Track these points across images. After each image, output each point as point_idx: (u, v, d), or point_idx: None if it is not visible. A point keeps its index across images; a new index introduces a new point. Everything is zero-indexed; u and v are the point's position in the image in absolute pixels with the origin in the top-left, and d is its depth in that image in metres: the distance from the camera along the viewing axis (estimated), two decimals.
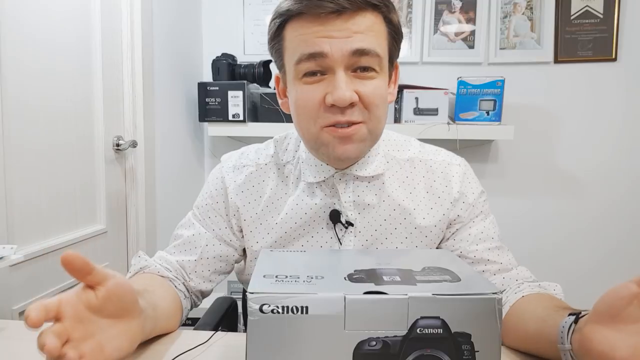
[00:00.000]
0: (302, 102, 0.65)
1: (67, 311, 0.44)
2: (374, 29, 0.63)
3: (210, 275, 0.78)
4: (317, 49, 0.61)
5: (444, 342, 0.40)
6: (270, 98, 1.69)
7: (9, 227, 0.97)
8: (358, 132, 0.64)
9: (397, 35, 0.67)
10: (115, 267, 1.39)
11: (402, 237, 0.73)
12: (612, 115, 1.79)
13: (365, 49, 0.61)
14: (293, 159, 0.77)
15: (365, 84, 0.63)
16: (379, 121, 0.66)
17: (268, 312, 0.40)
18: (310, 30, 0.61)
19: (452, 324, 0.40)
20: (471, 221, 0.75)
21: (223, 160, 0.81)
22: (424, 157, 0.77)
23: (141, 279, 0.71)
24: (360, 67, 0.63)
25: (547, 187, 1.85)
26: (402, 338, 0.40)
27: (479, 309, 0.40)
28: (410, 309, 0.40)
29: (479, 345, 0.41)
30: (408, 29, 1.83)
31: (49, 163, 1.09)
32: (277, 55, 0.69)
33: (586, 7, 1.75)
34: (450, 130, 1.62)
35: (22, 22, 1.01)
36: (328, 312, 0.40)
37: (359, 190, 0.73)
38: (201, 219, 0.78)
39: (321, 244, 0.74)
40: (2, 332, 0.68)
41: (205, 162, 1.99)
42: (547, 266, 1.84)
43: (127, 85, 1.41)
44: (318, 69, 0.63)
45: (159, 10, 1.53)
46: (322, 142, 0.66)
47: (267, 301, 0.40)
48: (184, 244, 0.77)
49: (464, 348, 0.40)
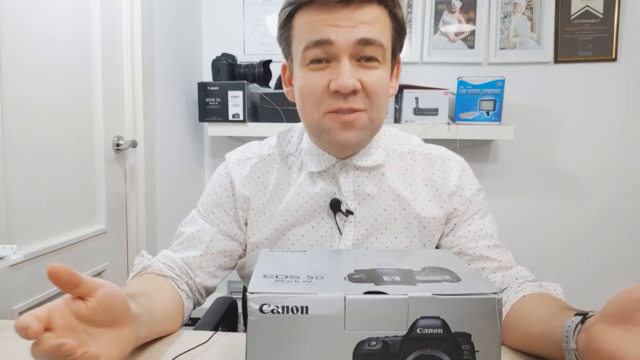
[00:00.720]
0: (307, 88, 0.67)
1: (58, 321, 0.44)
2: (379, 21, 0.65)
3: (216, 271, 0.78)
4: (324, 36, 0.63)
5: (444, 342, 0.40)
6: (270, 98, 1.68)
7: (9, 227, 0.97)
8: (359, 119, 0.66)
9: (401, 30, 0.70)
10: (115, 267, 1.39)
11: (402, 227, 0.74)
12: (612, 115, 1.79)
13: (369, 38, 0.64)
14: (296, 151, 0.79)
15: (369, 74, 0.65)
16: (379, 110, 0.68)
17: (268, 312, 0.40)
18: (318, 19, 0.64)
19: (452, 324, 0.40)
20: (470, 218, 0.75)
21: (227, 157, 0.83)
22: (425, 150, 0.79)
23: (141, 282, 0.71)
24: (364, 57, 0.65)
25: (547, 187, 1.85)
26: (402, 338, 0.40)
27: (479, 309, 0.40)
28: (410, 309, 0.40)
29: (479, 345, 0.41)
30: (408, 29, 1.83)
31: (49, 163, 1.09)
32: (285, 43, 0.71)
33: (586, 7, 1.75)
34: (450, 130, 1.62)
35: (22, 22, 1.01)
36: (328, 312, 0.40)
37: (359, 180, 0.75)
38: (205, 215, 0.79)
39: (321, 233, 0.75)
40: (2, 332, 0.68)
41: (205, 162, 1.99)
42: (547, 266, 1.84)
43: (127, 85, 1.41)
44: (324, 57, 0.65)
45: (159, 10, 1.53)
46: (324, 127, 0.67)
47: (267, 301, 0.40)
48: (188, 240, 0.77)
49: (464, 348, 0.40)
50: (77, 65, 1.19)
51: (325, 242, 0.74)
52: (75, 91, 1.19)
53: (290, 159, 0.79)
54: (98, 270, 1.30)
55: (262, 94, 1.70)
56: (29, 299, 1.03)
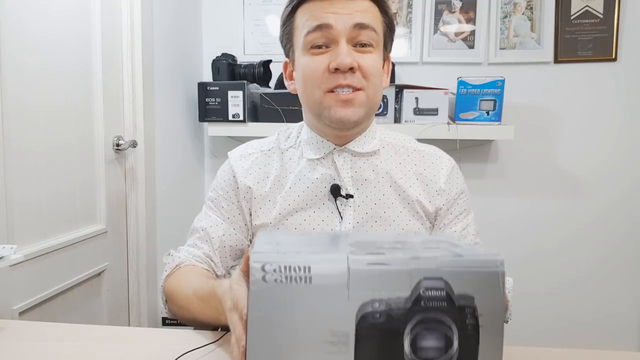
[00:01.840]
0: (308, 70, 0.74)
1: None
2: (372, 12, 0.74)
3: (234, 263, 0.84)
4: (323, 21, 0.71)
5: (448, 306, 0.40)
6: (270, 98, 1.68)
7: (9, 227, 0.97)
8: (357, 97, 0.73)
9: (391, 26, 0.78)
10: (115, 267, 1.39)
11: (398, 210, 0.79)
12: (612, 115, 1.79)
13: (365, 23, 0.72)
14: (295, 144, 0.84)
15: (364, 57, 0.73)
16: (375, 90, 0.75)
17: (270, 272, 0.39)
18: (319, 7, 0.72)
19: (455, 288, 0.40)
20: (456, 218, 0.81)
21: (229, 154, 0.88)
22: (418, 147, 0.85)
23: (194, 272, 0.78)
24: (360, 43, 0.72)
25: (547, 187, 1.85)
26: (404, 301, 0.40)
27: (482, 275, 0.40)
28: (412, 274, 0.39)
29: (482, 309, 0.40)
30: (408, 29, 1.83)
31: (49, 163, 1.09)
32: (287, 37, 0.78)
33: (586, 7, 1.75)
34: (450, 130, 1.62)
35: (22, 22, 1.00)
36: (331, 273, 0.40)
37: (357, 166, 0.80)
38: (216, 210, 0.84)
39: (322, 217, 0.79)
40: (2, 332, 0.68)
41: (205, 162, 1.99)
42: (546, 266, 1.84)
43: (127, 85, 1.41)
44: (323, 41, 0.72)
45: (159, 11, 1.53)
46: (325, 105, 0.73)
47: (269, 260, 0.39)
48: (205, 235, 0.82)
49: (467, 312, 0.40)
50: (77, 65, 1.19)
51: (327, 225, 0.78)
52: (75, 91, 1.19)
53: (290, 151, 0.83)
54: (98, 270, 1.30)
55: (262, 94, 1.70)
56: (29, 299, 1.03)
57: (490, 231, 1.74)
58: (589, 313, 1.84)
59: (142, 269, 1.47)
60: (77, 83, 1.20)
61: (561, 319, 1.86)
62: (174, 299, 0.76)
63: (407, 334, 0.39)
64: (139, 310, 1.48)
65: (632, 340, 1.85)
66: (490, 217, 1.81)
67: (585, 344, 1.84)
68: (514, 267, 1.74)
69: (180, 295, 0.74)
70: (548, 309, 1.86)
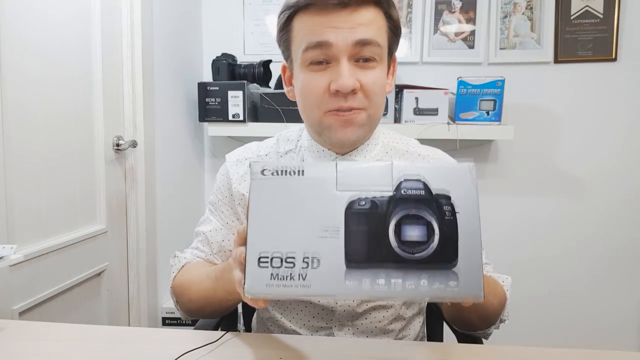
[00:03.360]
0: (308, 89, 0.70)
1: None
2: (376, 22, 0.68)
3: None
4: (323, 38, 0.66)
5: (427, 203, 0.45)
6: (270, 98, 1.68)
7: (9, 227, 0.97)
8: (358, 117, 0.70)
9: (397, 30, 0.73)
10: (115, 267, 1.39)
11: None
12: (612, 115, 1.78)
13: (367, 39, 0.66)
14: (295, 147, 0.82)
15: (367, 74, 0.68)
16: (377, 108, 0.72)
17: (268, 175, 0.46)
18: (317, 21, 0.66)
19: (432, 185, 0.45)
20: None
21: (227, 157, 0.86)
22: (422, 152, 0.83)
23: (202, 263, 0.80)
24: (363, 58, 0.68)
25: (547, 187, 1.85)
26: (388, 198, 0.45)
27: (456, 174, 0.46)
28: (394, 171, 0.46)
29: (459, 207, 0.45)
30: (408, 29, 1.83)
31: (49, 163, 1.09)
32: (285, 45, 0.74)
33: (586, 7, 1.75)
34: (450, 130, 1.62)
35: (23, 23, 1.01)
36: (321, 171, 0.46)
37: None
38: (216, 214, 0.84)
39: None
40: (2, 332, 0.68)
41: (205, 162, 1.99)
42: (547, 266, 1.84)
43: (127, 85, 1.41)
44: (323, 58, 0.67)
45: (159, 11, 1.53)
46: (325, 125, 0.71)
47: (267, 166, 0.46)
48: (206, 239, 0.82)
49: (445, 209, 0.45)
50: (77, 65, 1.19)
51: None
52: (76, 91, 1.19)
53: (289, 155, 0.82)
54: (98, 270, 1.30)
55: (262, 94, 1.70)
56: (29, 299, 1.03)
57: (490, 231, 1.74)
58: (589, 313, 1.84)
59: (142, 269, 1.47)
60: (77, 83, 1.20)
61: (561, 319, 1.86)
62: (185, 290, 0.77)
63: (391, 220, 0.45)
64: (139, 310, 1.49)
65: (632, 340, 1.84)
66: (490, 217, 1.81)
67: (585, 344, 1.84)
68: (514, 267, 1.75)
69: (192, 282, 0.75)
70: (548, 309, 1.86)
